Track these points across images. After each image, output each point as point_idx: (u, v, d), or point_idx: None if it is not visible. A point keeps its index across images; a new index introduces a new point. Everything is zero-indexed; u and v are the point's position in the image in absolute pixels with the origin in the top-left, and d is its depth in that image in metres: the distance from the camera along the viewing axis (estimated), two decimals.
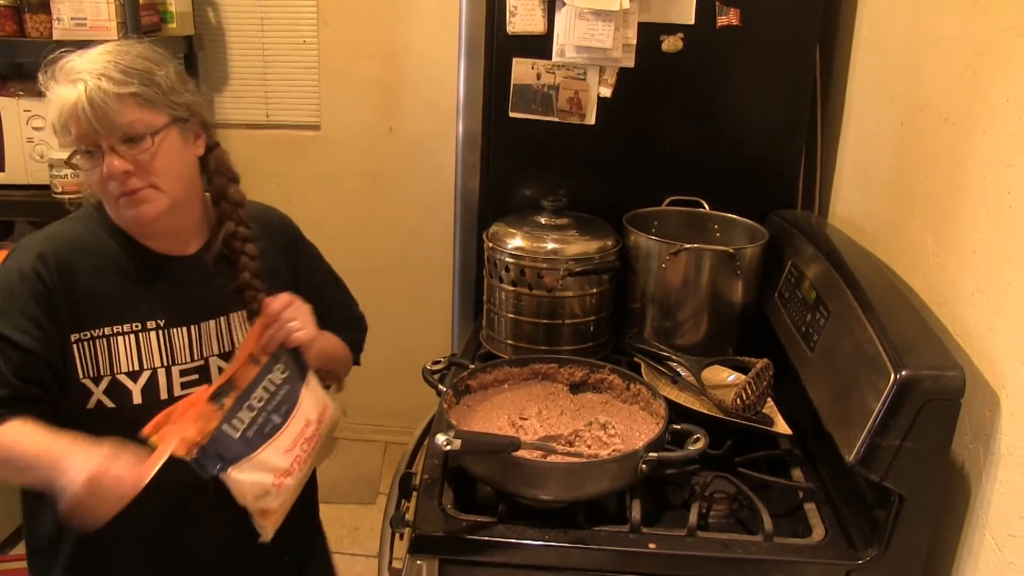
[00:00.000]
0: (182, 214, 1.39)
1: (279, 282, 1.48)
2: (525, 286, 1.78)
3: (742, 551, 1.32)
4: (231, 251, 1.44)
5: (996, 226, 1.26)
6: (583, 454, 1.39)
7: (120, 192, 1.29)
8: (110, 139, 1.26)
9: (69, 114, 1.25)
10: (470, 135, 2.05)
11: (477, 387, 1.60)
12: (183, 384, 1.38)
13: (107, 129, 1.25)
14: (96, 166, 1.28)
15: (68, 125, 1.27)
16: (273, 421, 1.35)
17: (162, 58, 1.35)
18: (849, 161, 1.96)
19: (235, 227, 1.44)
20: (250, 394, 1.33)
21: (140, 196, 1.30)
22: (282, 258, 1.55)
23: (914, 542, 1.27)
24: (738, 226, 1.90)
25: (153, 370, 1.36)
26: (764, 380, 1.58)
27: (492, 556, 1.32)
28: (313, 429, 1.43)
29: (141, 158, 1.28)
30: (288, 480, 1.36)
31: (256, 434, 1.32)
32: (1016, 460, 1.17)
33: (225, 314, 1.44)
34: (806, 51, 1.93)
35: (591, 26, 1.84)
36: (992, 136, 1.29)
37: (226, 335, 1.44)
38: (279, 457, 1.35)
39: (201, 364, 1.41)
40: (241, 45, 3.05)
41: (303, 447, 1.40)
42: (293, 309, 1.39)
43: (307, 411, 1.42)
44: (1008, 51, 1.26)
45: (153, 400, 1.35)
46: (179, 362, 1.38)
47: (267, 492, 1.33)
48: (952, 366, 1.20)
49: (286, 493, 1.37)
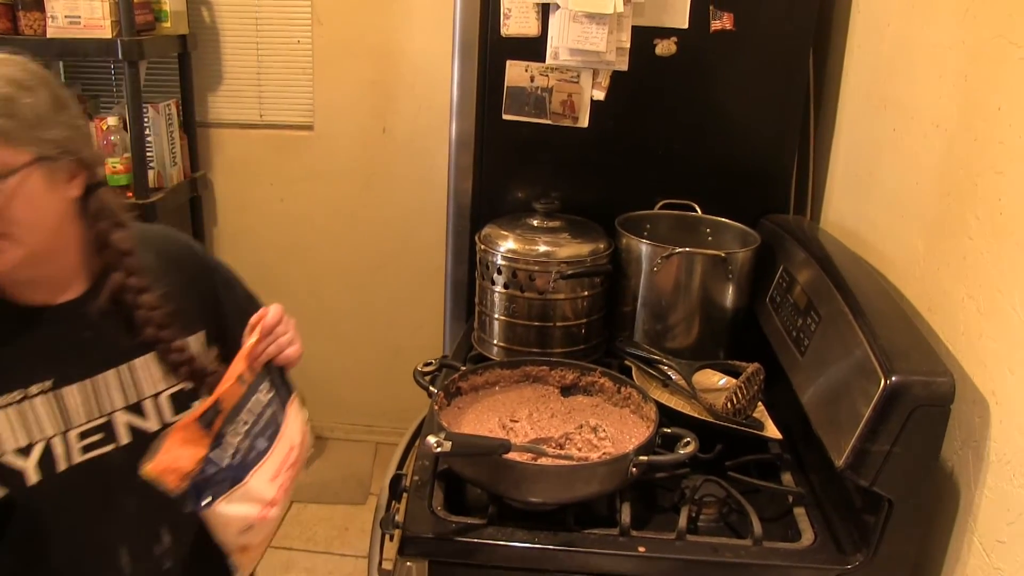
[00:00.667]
0: (49, 263, 1.17)
1: (193, 321, 1.32)
2: (517, 288, 1.78)
3: (731, 555, 1.32)
4: (123, 307, 1.22)
5: (987, 233, 1.26)
6: (573, 457, 1.39)
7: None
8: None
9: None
10: (463, 137, 2.05)
11: (468, 389, 1.59)
12: (84, 448, 1.19)
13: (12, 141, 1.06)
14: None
15: None
16: (258, 447, 1.23)
17: (36, 81, 1.11)
18: (841, 166, 1.96)
19: (123, 279, 1.22)
20: (236, 416, 1.20)
21: (5, 242, 1.09)
22: (193, 293, 1.35)
23: (903, 547, 1.27)
24: (730, 230, 1.91)
25: (46, 440, 1.16)
26: (755, 384, 1.58)
27: (482, 558, 1.32)
28: (296, 454, 1.31)
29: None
30: (273, 511, 1.25)
31: (242, 461, 1.20)
32: (1005, 466, 1.17)
33: (127, 361, 1.24)
34: (799, 56, 1.93)
35: (585, 29, 1.85)
36: (983, 143, 1.29)
37: (131, 385, 1.24)
38: (265, 486, 1.23)
39: (103, 422, 1.21)
40: (235, 44, 3.04)
41: (287, 474, 1.28)
42: (284, 323, 1.28)
43: (292, 434, 1.30)
44: (999, 59, 1.27)
45: (52, 475, 1.16)
46: (75, 424, 1.19)
47: (251, 526, 1.22)
48: (942, 372, 1.20)
49: (269, 526, 1.26)
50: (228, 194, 3.18)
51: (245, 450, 1.20)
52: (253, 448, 1.22)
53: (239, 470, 1.19)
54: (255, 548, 1.27)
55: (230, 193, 3.17)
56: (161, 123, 2.76)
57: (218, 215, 3.21)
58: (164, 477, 1.11)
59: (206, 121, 3.09)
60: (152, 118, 2.72)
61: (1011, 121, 1.22)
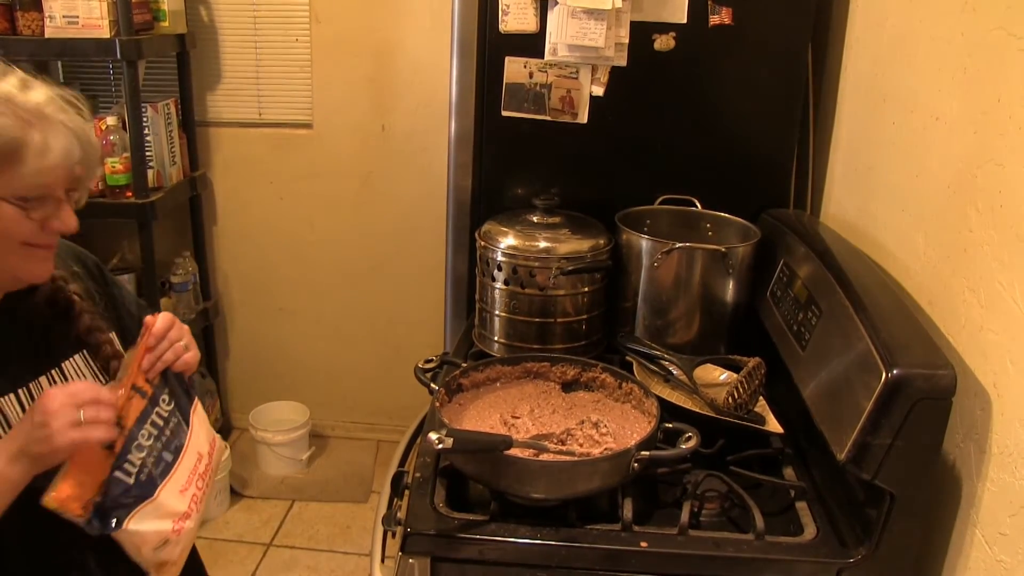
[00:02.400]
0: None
1: (108, 321, 1.29)
2: (517, 285, 1.78)
3: (734, 550, 1.32)
4: (59, 302, 1.21)
5: (987, 225, 1.26)
6: (575, 452, 1.39)
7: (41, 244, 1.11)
8: (70, 191, 1.11)
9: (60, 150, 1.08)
10: (462, 134, 2.05)
11: (469, 386, 1.59)
12: None
13: (86, 179, 1.12)
14: (45, 215, 1.09)
15: (49, 160, 1.06)
16: (165, 459, 1.18)
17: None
18: (841, 160, 1.96)
19: (57, 276, 1.22)
20: (139, 431, 1.14)
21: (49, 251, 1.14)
22: (100, 297, 1.33)
23: (905, 540, 1.27)
24: (730, 225, 1.91)
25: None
26: (756, 379, 1.58)
27: (484, 554, 1.32)
28: (205, 464, 1.27)
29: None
30: (187, 523, 1.21)
31: (148, 477, 1.15)
32: (1007, 459, 1.17)
33: (57, 364, 1.20)
34: (798, 50, 1.93)
35: (583, 25, 1.84)
36: (983, 136, 1.29)
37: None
38: (176, 499, 1.19)
39: None
40: (234, 43, 3.04)
41: (198, 484, 1.24)
42: (177, 328, 1.21)
43: (199, 443, 1.26)
44: (999, 51, 1.26)
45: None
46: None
47: (166, 541, 1.18)
48: (943, 365, 1.20)
49: (186, 539, 1.22)
50: (227, 193, 3.18)
51: (152, 465, 1.16)
52: (160, 461, 1.18)
53: (146, 487, 1.15)
54: (173, 563, 1.22)
55: (229, 192, 3.17)
56: (160, 122, 2.76)
57: (218, 214, 3.21)
58: (66, 506, 1.06)
59: (205, 120, 3.09)
60: (151, 117, 2.72)
61: (1011, 113, 1.22)
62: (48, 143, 1.06)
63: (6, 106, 1.04)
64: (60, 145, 1.07)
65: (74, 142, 1.09)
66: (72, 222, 1.12)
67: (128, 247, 3.12)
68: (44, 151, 1.05)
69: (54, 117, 1.08)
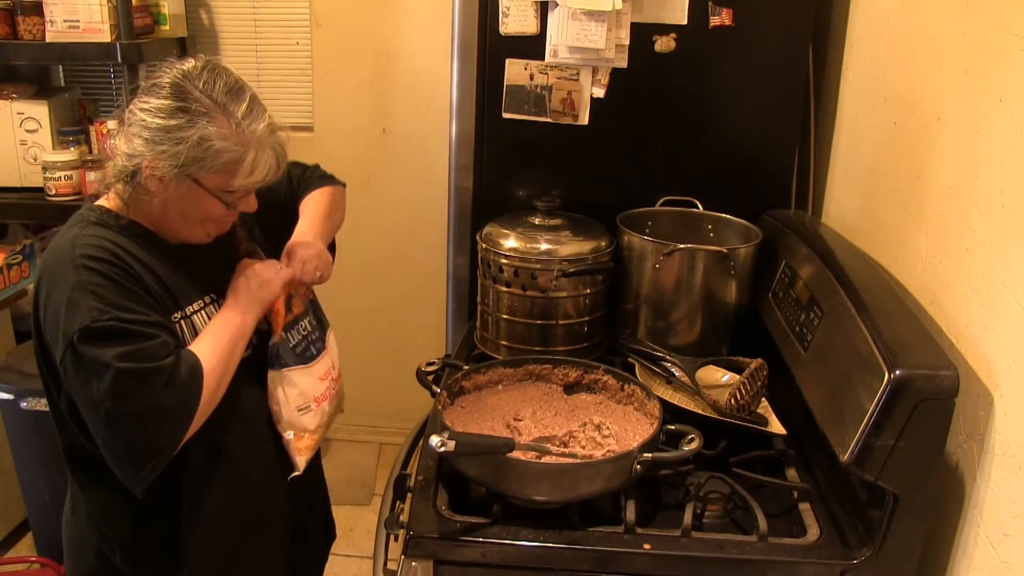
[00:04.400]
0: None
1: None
2: (519, 287, 1.78)
3: (737, 551, 1.32)
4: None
5: (989, 226, 1.26)
6: (577, 455, 1.39)
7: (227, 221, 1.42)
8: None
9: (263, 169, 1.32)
10: (463, 136, 2.05)
11: (471, 388, 1.59)
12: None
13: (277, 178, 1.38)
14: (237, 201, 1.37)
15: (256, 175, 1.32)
16: (311, 351, 1.51)
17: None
18: (842, 161, 1.96)
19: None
20: (297, 322, 1.50)
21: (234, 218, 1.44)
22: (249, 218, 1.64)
23: (908, 542, 1.27)
24: (732, 226, 1.91)
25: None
26: (758, 380, 1.58)
27: (486, 557, 1.32)
28: (333, 377, 1.57)
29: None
30: (323, 405, 1.52)
31: (301, 353, 1.49)
32: (1010, 459, 1.17)
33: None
34: (799, 51, 1.93)
35: (584, 27, 1.84)
36: (985, 136, 1.29)
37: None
38: (316, 382, 1.50)
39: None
40: (234, 47, 3.04)
41: (329, 387, 1.54)
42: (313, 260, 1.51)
43: (332, 355, 1.58)
44: (1000, 51, 1.26)
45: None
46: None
47: (308, 407, 1.49)
48: (946, 365, 1.20)
49: (320, 418, 1.51)
50: None
51: (304, 348, 1.50)
52: (309, 349, 1.51)
53: (302, 357, 1.49)
54: (310, 436, 1.51)
55: None
56: None
57: None
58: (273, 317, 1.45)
59: None
60: None
61: (1012, 113, 1.22)
62: (258, 162, 1.31)
63: (234, 130, 1.28)
64: (265, 164, 1.32)
65: (275, 160, 1.34)
66: (254, 205, 1.41)
67: None
68: (253, 169, 1.31)
69: (266, 141, 1.32)
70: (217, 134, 1.26)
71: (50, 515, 2.47)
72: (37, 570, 2.46)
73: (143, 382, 1.23)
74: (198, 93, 1.27)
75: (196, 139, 1.25)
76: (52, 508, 2.45)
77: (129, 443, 1.25)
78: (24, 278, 2.69)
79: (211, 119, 1.26)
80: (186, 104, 1.27)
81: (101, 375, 1.21)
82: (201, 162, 1.27)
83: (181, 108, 1.26)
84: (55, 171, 2.60)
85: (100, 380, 1.21)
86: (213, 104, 1.27)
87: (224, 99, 1.28)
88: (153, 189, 1.30)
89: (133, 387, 1.22)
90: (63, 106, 2.77)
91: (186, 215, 1.35)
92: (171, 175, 1.28)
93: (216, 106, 1.27)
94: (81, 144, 2.70)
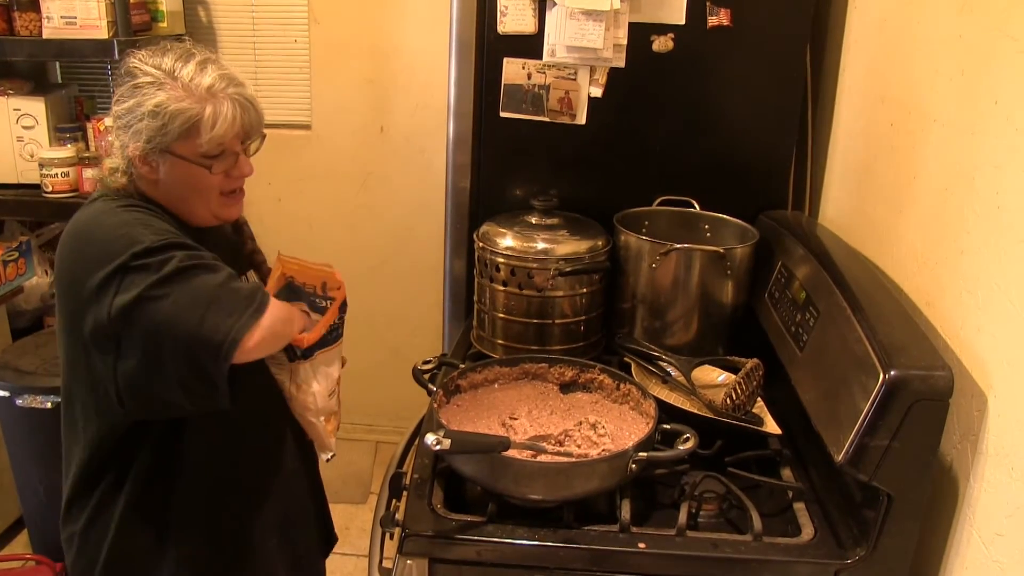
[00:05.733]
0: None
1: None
2: (515, 286, 1.78)
3: (731, 551, 1.32)
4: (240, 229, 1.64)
5: (984, 227, 1.26)
6: (573, 454, 1.39)
7: (230, 190, 1.43)
8: (244, 143, 1.41)
9: (227, 119, 1.34)
10: (461, 135, 2.05)
11: (467, 387, 1.60)
12: None
13: (253, 133, 1.42)
14: (226, 167, 1.39)
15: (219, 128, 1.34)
16: (330, 336, 1.51)
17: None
18: (839, 162, 1.96)
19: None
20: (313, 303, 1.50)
21: (240, 194, 1.46)
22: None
23: (902, 541, 1.27)
24: (728, 226, 1.91)
25: None
26: (754, 380, 1.58)
27: (482, 556, 1.32)
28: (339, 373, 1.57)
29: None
30: (339, 391, 1.57)
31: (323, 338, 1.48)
32: (1003, 460, 1.17)
33: (243, 274, 1.57)
34: (796, 51, 1.93)
35: (582, 26, 1.85)
36: (981, 138, 1.29)
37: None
38: (335, 367, 1.54)
39: None
40: (232, 44, 3.04)
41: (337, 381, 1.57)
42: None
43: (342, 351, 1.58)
44: (996, 53, 1.27)
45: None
46: None
47: (333, 391, 1.54)
48: (940, 366, 1.20)
49: (338, 403, 1.57)
50: None
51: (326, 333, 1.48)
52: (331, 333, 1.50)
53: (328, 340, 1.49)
54: (336, 417, 1.58)
55: None
56: None
57: None
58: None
59: None
60: None
61: (1008, 115, 1.22)
62: (218, 115, 1.33)
63: (185, 91, 1.32)
64: (227, 114, 1.34)
65: (237, 109, 1.35)
66: (248, 168, 1.43)
67: None
68: (215, 121, 1.33)
69: (221, 92, 1.34)
70: (170, 98, 1.31)
71: (45, 513, 2.47)
72: (32, 567, 2.45)
73: (210, 271, 1.30)
74: (148, 67, 1.33)
75: (151, 108, 1.30)
76: (48, 506, 2.45)
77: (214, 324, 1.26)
78: (20, 275, 2.69)
79: (160, 86, 1.32)
80: (136, 81, 1.33)
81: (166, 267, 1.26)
82: (164, 130, 1.31)
83: (134, 86, 1.33)
84: (52, 168, 2.60)
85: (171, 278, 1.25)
86: (161, 73, 1.33)
87: (172, 66, 1.33)
88: (146, 174, 1.36)
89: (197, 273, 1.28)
90: (60, 103, 2.77)
91: (183, 195, 1.39)
92: (149, 153, 1.33)
93: (164, 74, 1.32)
94: (78, 141, 2.70)
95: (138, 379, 1.28)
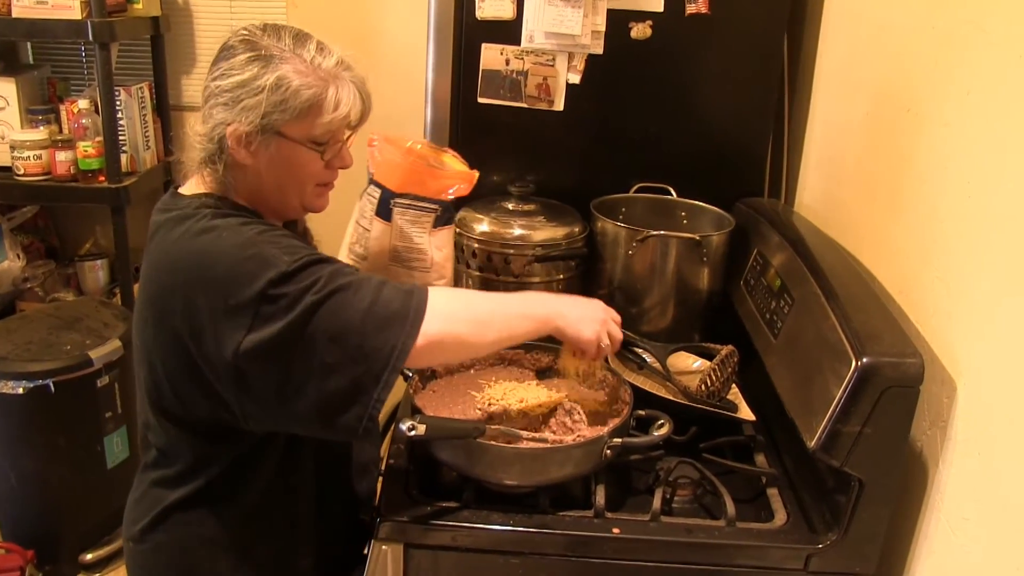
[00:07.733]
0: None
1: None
2: (492, 271, 1.78)
3: (705, 536, 1.33)
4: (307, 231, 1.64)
5: (956, 216, 1.27)
6: (548, 439, 1.40)
7: (327, 182, 1.39)
8: (351, 132, 1.36)
9: (348, 103, 1.29)
10: (438, 120, 2.04)
11: (443, 372, 1.60)
12: None
13: (363, 124, 1.36)
14: (332, 154, 1.35)
15: (340, 111, 1.29)
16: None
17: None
18: (815, 150, 1.97)
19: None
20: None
21: (331, 185, 1.42)
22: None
23: (873, 526, 1.29)
24: (705, 213, 1.91)
25: None
26: (729, 367, 1.59)
27: (457, 541, 1.32)
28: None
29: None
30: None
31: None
32: (971, 445, 1.19)
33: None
34: (774, 39, 1.94)
35: (560, 12, 1.84)
36: (953, 128, 1.31)
37: None
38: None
39: None
40: (209, 27, 3.00)
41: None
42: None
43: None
44: (968, 44, 1.28)
45: None
46: None
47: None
48: (912, 353, 1.22)
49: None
50: None
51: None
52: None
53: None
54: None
55: None
56: (134, 106, 2.73)
57: None
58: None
59: (180, 104, 3.05)
60: (124, 101, 2.68)
61: (979, 106, 1.23)
62: (340, 96, 1.28)
63: (310, 69, 1.26)
64: (348, 98, 1.29)
65: (357, 94, 1.31)
66: (350, 159, 1.40)
67: (101, 232, 3.09)
68: (338, 103, 1.28)
69: (343, 75, 1.30)
70: (294, 71, 1.24)
71: (17, 500, 2.45)
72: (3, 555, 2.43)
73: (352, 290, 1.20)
74: (267, 41, 1.26)
75: (274, 81, 1.23)
76: (20, 493, 2.43)
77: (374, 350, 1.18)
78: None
79: (284, 60, 1.25)
80: (257, 52, 1.25)
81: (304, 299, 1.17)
82: (283, 106, 1.24)
83: (253, 57, 1.25)
84: (24, 150, 2.56)
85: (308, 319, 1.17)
86: (283, 48, 1.26)
87: (292, 43, 1.27)
88: (242, 160, 1.27)
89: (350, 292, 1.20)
90: (32, 84, 2.73)
91: (281, 183, 1.32)
92: (256, 133, 1.24)
93: (287, 49, 1.26)
94: (51, 123, 2.67)
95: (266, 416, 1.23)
